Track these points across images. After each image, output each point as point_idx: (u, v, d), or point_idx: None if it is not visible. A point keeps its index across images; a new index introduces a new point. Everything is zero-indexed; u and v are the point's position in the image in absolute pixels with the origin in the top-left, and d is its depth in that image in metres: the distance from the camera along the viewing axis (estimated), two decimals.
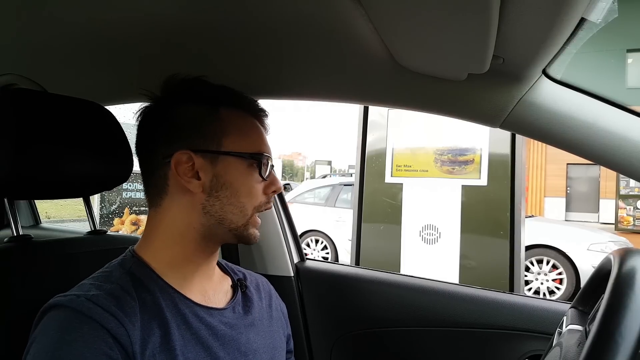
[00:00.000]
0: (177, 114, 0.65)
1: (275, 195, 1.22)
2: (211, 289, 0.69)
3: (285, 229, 1.24)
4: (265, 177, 0.67)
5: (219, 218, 0.64)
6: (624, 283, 0.45)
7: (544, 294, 4.46)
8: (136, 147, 0.69)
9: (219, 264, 0.76)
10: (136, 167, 0.75)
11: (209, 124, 0.64)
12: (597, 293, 0.59)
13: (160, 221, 0.65)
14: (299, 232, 1.40)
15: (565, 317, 0.66)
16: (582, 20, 0.53)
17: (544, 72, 0.67)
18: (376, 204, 2.87)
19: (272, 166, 0.69)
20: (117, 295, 0.56)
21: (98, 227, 0.92)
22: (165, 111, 0.66)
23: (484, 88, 0.72)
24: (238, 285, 0.74)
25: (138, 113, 0.69)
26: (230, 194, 0.64)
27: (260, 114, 0.71)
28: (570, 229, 5.25)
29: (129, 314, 0.55)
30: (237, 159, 0.64)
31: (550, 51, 0.59)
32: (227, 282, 0.74)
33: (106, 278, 0.60)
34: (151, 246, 0.65)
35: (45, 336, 0.52)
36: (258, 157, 0.66)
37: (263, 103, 0.75)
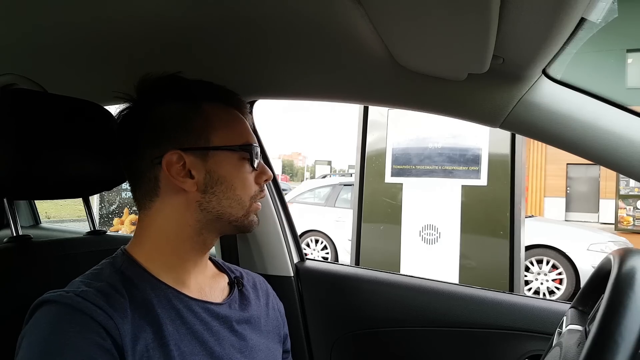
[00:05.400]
0: (160, 113, 0.64)
1: (275, 195, 1.23)
2: (207, 285, 0.69)
3: (285, 229, 1.24)
4: (255, 167, 0.67)
5: (217, 214, 0.64)
6: (624, 283, 0.45)
7: (544, 294, 4.46)
8: (119, 150, 0.68)
9: (215, 263, 0.76)
10: None
11: (193, 120, 0.64)
12: (597, 293, 0.59)
13: (151, 223, 0.65)
14: (299, 232, 1.40)
15: (565, 317, 0.66)
16: (582, 20, 0.53)
17: (544, 72, 0.67)
18: (376, 204, 2.87)
19: (261, 155, 0.70)
20: (106, 292, 0.56)
21: (97, 227, 0.92)
22: (145, 111, 0.65)
23: (484, 88, 0.72)
24: (235, 283, 0.74)
25: (119, 115, 0.68)
26: (226, 188, 0.64)
27: (241, 105, 0.71)
28: (570, 229, 5.25)
29: (118, 309, 0.55)
30: (228, 152, 0.64)
31: (550, 51, 0.59)
32: (224, 279, 0.74)
33: (96, 276, 0.60)
34: (143, 248, 0.65)
35: (37, 328, 0.52)
36: (248, 148, 0.66)
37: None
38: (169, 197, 0.64)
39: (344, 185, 6.32)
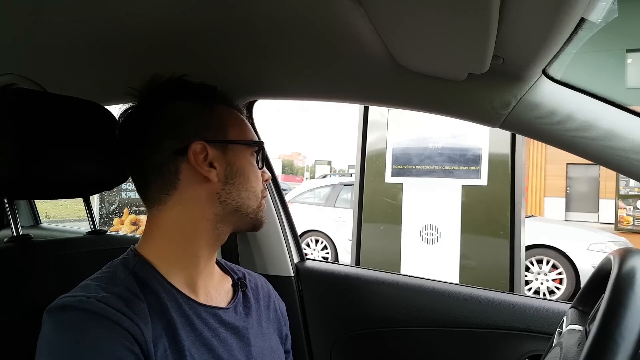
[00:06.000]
0: (177, 108, 0.66)
1: (275, 195, 1.23)
2: (212, 287, 0.69)
3: (285, 229, 1.24)
4: (261, 166, 0.71)
5: (235, 206, 0.66)
6: (624, 283, 0.45)
7: (544, 294, 4.46)
8: (127, 147, 0.67)
9: (219, 264, 0.76)
10: None
11: (211, 117, 0.67)
12: (597, 293, 0.59)
13: (165, 219, 0.64)
14: (299, 232, 1.40)
15: (565, 317, 0.66)
16: (582, 20, 0.53)
17: (544, 72, 0.67)
18: (376, 204, 2.87)
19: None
20: (126, 297, 0.56)
21: (98, 227, 0.92)
22: (160, 107, 0.66)
23: (484, 88, 0.72)
24: (238, 285, 0.74)
25: (124, 113, 0.68)
26: (244, 180, 0.67)
27: (242, 111, 0.75)
28: (570, 229, 5.25)
29: (140, 315, 0.55)
30: (243, 147, 0.68)
31: (550, 51, 0.59)
32: (228, 281, 0.74)
33: (111, 279, 0.59)
34: (155, 245, 0.64)
35: (62, 336, 0.51)
36: (260, 145, 0.71)
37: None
38: (188, 189, 0.64)
39: (344, 185, 6.32)
